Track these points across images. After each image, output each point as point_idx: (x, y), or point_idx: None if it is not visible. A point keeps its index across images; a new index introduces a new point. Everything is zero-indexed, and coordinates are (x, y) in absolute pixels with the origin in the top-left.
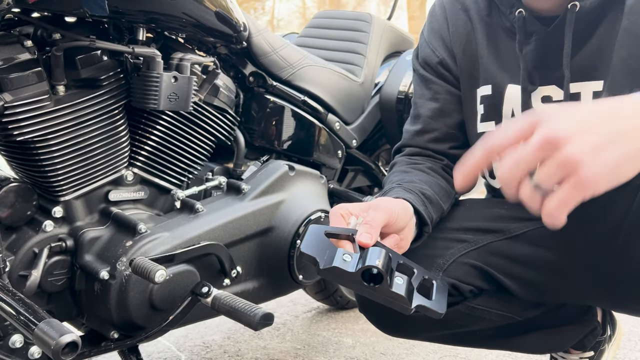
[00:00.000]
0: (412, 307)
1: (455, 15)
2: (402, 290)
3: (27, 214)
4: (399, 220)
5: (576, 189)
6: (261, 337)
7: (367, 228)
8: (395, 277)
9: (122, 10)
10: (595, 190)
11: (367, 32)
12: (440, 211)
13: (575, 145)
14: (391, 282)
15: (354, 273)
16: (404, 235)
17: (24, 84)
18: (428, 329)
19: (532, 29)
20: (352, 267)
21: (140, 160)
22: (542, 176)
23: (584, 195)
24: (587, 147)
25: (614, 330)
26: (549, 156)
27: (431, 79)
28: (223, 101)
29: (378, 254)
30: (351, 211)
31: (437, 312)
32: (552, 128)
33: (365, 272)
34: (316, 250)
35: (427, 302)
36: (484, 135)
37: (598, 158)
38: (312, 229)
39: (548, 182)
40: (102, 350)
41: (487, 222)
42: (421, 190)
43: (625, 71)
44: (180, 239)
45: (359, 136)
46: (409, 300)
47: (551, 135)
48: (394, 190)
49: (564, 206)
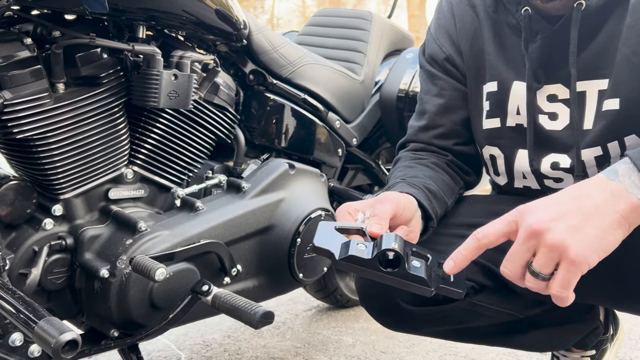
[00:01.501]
0: (432, 288)
1: (462, 12)
2: (422, 272)
3: (27, 212)
4: (405, 211)
5: (570, 270)
6: (261, 336)
7: (377, 219)
8: (412, 261)
9: (122, 7)
10: (588, 265)
11: (367, 30)
12: (444, 206)
13: (555, 232)
14: (409, 265)
15: (371, 259)
16: (412, 227)
17: (23, 82)
18: (429, 324)
19: (538, 28)
20: (368, 254)
21: (140, 158)
22: (537, 266)
23: (580, 273)
24: (566, 230)
25: (617, 330)
26: (536, 246)
27: (437, 74)
28: (223, 99)
29: (393, 238)
30: (357, 208)
31: (458, 291)
32: (532, 221)
33: (381, 259)
34: (330, 244)
35: (447, 283)
36: (475, 231)
37: (578, 238)
38: (322, 225)
39: (545, 270)
40: (102, 349)
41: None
42: (425, 185)
43: (628, 69)
44: (180, 237)
45: (359, 134)
46: (429, 282)
47: (532, 228)
48: (398, 185)
49: (565, 288)
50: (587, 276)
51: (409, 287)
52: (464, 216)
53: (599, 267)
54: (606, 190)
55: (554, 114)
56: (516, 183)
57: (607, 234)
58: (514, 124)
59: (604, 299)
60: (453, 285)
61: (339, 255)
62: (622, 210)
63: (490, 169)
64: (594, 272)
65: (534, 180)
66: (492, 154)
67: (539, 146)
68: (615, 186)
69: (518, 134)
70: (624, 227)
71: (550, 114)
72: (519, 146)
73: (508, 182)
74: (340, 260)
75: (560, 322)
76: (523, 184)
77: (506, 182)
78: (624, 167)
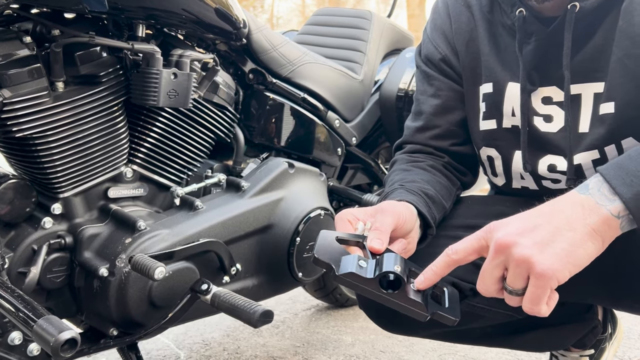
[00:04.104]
0: (428, 314)
1: (458, 12)
2: (419, 297)
3: (26, 210)
4: (406, 224)
5: (538, 285)
6: (260, 335)
7: (378, 234)
8: (411, 284)
9: (121, 6)
10: (557, 280)
11: (367, 29)
12: (442, 210)
13: (522, 246)
14: (408, 289)
15: (372, 279)
16: (411, 238)
17: (23, 80)
18: (427, 326)
19: (532, 29)
20: (369, 273)
21: (139, 157)
22: (509, 281)
23: (549, 287)
24: (533, 245)
25: (615, 329)
26: (505, 262)
27: (434, 75)
28: (223, 98)
29: (395, 260)
30: (357, 216)
31: (451, 318)
32: (500, 235)
33: (382, 280)
34: (329, 256)
35: (441, 308)
36: (446, 249)
37: (545, 253)
38: (323, 234)
39: (516, 285)
40: (101, 348)
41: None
42: (423, 191)
43: (622, 72)
44: (179, 236)
45: (358, 134)
46: (425, 307)
47: (500, 243)
48: (397, 191)
49: (535, 304)
50: (585, 276)
51: (404, 309)
52: (462, 218)
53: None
54: (577, 203)
55: (549, 117)
56: (514, 184)
57: (577, 247)
58: (509, 126)
59: (602, 299)
60: (447, 312)
61: (339, 271)
62: (593, 223)
63: (488, 169)
64: (593, 272)
65: (532, 181)
66: (489, 155)
67: (535, 148)
68: (586, 199)
69: (514, 135)
70: (596, 240)
71: (545, 116)
72: (516, 147)
73: (506, 183)
74: (340, 276)
75: (559, 322)
76: (521, 184)
77: (504, 182)
78: (594, 180)
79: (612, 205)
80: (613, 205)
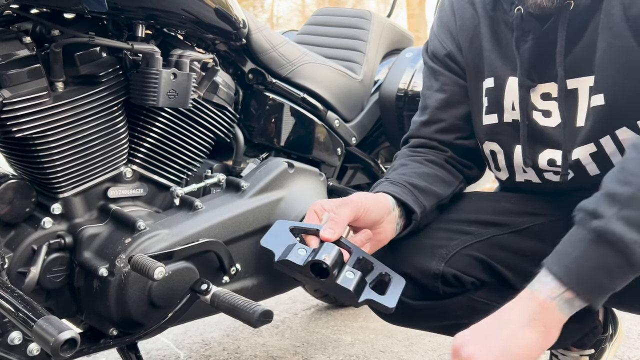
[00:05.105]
0: (359, 300)
1: (462, 9)
2: (351, 284)
3: (26, 210)
4: (369, 214)
5: None
6: (260, 335)
7: (332, 224)
8: (346, 272)
9: (121, 6)
10: None
11: (366, 29)
12: (436, 198)
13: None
14: (338, 276)
15: (303, 266)
16: (382, 229)
17: (22, 81)
18: (428, 319)
19: (529, 27)
20: (302, 261)
21: (139, 157)
22: None
23: None
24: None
25: (616, 329)
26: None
27: (439, 70)
28: (222, 98)
29: (329, 250)
30: (325, 207)
31: (386, 307)
32: (455, 341)
33: (316, 266)
34: (276, 244)
35: (377, 297)
36: None
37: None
38: (278, 223)
39: None
40: (100, 348)
41: (493, 215)
42: (409, 181)
43: (607, 64)
44: (179, 236)
45: (358, 134)
46: (356, 294)
47: (453, 346)
48: (380, 185)
49: None
50: None
51: (338, 295)
52: (464, 212)
53: None
54: (520, 297)
55: (548, 112)
56: (517, 177)
57: (515, 338)
58: (510, 120)
59: None
60: (383, 300)
61: (277, 257)
62: (530, 310)
63: (491, 164)
64: None
65: (534, 174)
66: (492, 150)
67: (534, 142)
68: (527, 291)
69: (515, 129)
70: (537, 327)
71: (544, 112)
72: (517, 142)
73: (509, 177)
74: (277, 262)
75: None
76: (524, 177)
77: (507, 176)
78: (539, 271)
79: (547, 288)
80: (549, 287)
